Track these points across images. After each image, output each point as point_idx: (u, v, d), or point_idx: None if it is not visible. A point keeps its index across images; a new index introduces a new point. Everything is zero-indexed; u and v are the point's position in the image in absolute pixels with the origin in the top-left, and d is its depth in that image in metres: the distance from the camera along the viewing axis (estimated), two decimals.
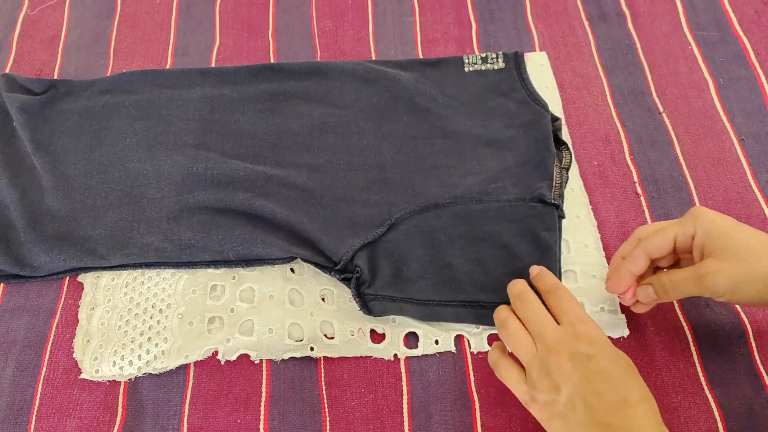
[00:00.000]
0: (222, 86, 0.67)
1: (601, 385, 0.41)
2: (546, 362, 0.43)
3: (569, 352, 0.42)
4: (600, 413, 0.40)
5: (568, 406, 0.42)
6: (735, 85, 0.66)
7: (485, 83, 0.67)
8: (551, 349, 0.43)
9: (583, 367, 0.42)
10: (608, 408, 0.40)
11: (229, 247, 0.55)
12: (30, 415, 0.51)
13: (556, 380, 0.42)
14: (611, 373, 0.41)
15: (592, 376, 0.41)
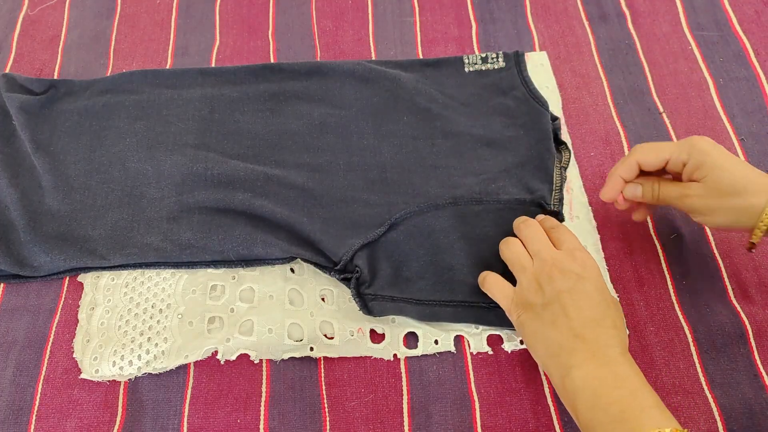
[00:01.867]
0: (222, 86, 0.67)
1: (583, 302, 0.45)
2: (539, 272, 0.47)
3: (562, 268, 0.47)
4: (576, 324, 0.44)
5: (547, 308, 0.46)
6: (735, 85, 0.66)
7: (485, 83, 0.67)
8: (546, 262, 0.48)
9: (571, 283, 0.46)
10: (584, 322, 0.44)
11: (229, 247, 0.55)
12: (30, 415, 0.51)
13: (543, 286, 0.46)
14: (594, 297, 0.45)
15: (578, 293, 0.45)
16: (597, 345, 0.43)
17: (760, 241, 0.48)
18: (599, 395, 0.41)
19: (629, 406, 0.40)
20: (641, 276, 0.56)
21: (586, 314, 0.45)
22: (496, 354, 0.52)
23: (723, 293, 0.55)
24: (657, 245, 0.57)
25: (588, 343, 0.44)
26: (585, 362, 0.43)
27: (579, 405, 0.42)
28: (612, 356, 0.43)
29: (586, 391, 0.42)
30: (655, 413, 0.40)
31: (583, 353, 0.43)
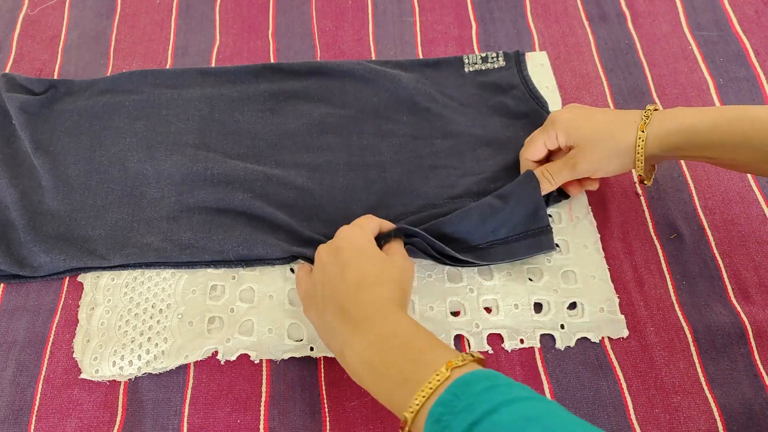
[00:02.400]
0: (222, 86, 0.67)
1: (347, 271, 0.46)
2: (317, 261, 0.49)
3: (328, 248, 0.48)
4: (341, 297, 0.45)
5: (318, 292, 0.47)
6: (735, 85, 0.66)
7: (485, 82, 0.67)
8: (321, 248, 0.49)
9: (333, 259, 0.47)
10: (348, 291, 0.45)
11: (229, 247, 0.55)
12: (30, 415, 0.51)
13: (316, 272, 0.48)
14: (353, 262, 0.46)
15: (340, 266, 0.46)
16: (360, 313, 0.43)
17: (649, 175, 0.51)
18: (375, 366, 0.41)
19: (405, 363, 0.39)
20: (641, 276, 0.56)
21: (349, 281, 0.45)
22: (496, 354, 0.52)
23: (723, 293, 0.55)
24: (657, 245, 0.57)
25: (351, 315, 0.43)
26: (353, 338, 0.43)
27: (365, 382, 0.42)
28: (375, 319, 0.42)
29: (363, 366, 0.41)
30: (429, 356, 0.39)
31: (349, 328, 0.43)
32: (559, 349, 0.52)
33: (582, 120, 0.52)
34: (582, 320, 0.53)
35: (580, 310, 0.54)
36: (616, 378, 0.51)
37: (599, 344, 0.53)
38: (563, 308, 0.54)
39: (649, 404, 0.50)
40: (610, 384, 0.51)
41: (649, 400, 0.50)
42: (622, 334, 0.53)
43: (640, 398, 0.50)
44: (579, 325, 0.53)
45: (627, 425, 0.49)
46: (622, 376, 0.51)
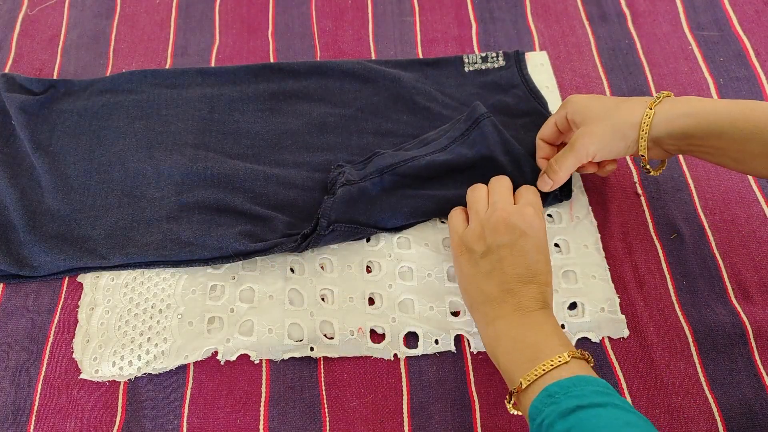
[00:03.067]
0: (221, 86, 0.67)
1: (520, 258, 0.47)
2: (486, 221, 0.49)
3: (508, 223, 0.48)
4: (509, 278, 0.46)
5: (485, 258, 0.48)
6: (735, 84, 0.66)
7: (485, 82, 0.67)
8: (496, 213, 0.49)
9: (513, 238, 0.48)
10: (517, 278, 0.46)
11: (227, 242, 0.55)
12: (29, 415, 0.51)
13: (487, 236, 0.48)
14: (531, 255, 0.47)
15: (517, 249, 0.47)
16: (523, 299, 0.46)
17: (653, 164, 0.51)
18: (517, 341, 0.45)
19: (541, 347, 0.43)
20: (641, 276, 0.56)
21: (520, 271, 0.47)
22: None
23: (723, 293, 0.55)
24: (657, 245, 0.57)
25: (516, 297, 0.46)
26: (509, 314, 0.46)
27: (499, 349, 0.45)
28: (534, 309, 0.46)
29: (507, 337, 0.45)
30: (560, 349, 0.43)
31: (509, 306, 0.46)
32: None
33: (594, 101, 0.52)
34: (582, 320, 0.53)
35: (581, 310, 0.54)
36: (617, 378, 0.51)
37: (599, 344, 0.53)
38: (564, 308, 0.54)
39: (649, 404, 0.50)
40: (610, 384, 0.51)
41: (649, 401, 0.50)
42: (623, 334, 0.53)
43: (640, 398, 0.50)
44: (579, 325, 0.53)
45: None
46: (623, 376, 0.51)
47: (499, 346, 0.45)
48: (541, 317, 0.46)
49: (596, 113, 0.51)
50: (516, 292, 0.46)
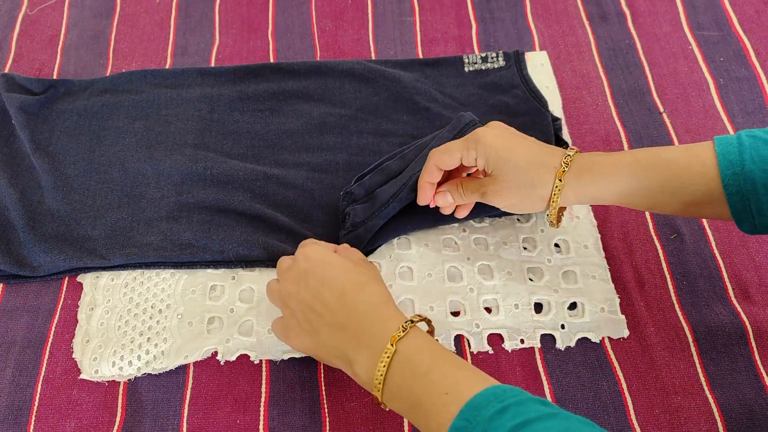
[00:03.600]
0: (221, 86, 0.67)
1: (322, 290, 0.44)
2: (284, 294, 0.47)
3: (291, 277, 0.47)
4: (330, 318, 0.44)
5: (301, 320, 0.45)
6: (735, 84, 0.66)
7: (485, 82, 0.67)
8: (283, 280, 0.47)
9: (304, 284, 0.45)
10: (334, 308, 0.44)
11: (229, 247, 0.55)
12: (29, 415, 0.51)
13: (290, 304, 0.46)
14: (326, 277, 0.45)
15: (314, 287, 0.45)
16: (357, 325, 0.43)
17: (560, 220, 0.50)
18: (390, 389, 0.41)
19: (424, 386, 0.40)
20: (641, 276, 0.56)
21: (331, 300, 0.44)
22: (496, 354, 0.52)
23: (723, 293, 0.55)
24: (657, 245, 0.57)
25: (349, 330, 0.43)
26: (357, 353, 0.43)
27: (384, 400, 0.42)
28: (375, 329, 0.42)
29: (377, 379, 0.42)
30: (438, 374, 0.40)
31: (352, 344, 0.43)
32: (560, 350, 0.52)
33: (506, 152, 0.48)
34: (582, 320, 0.53)
35: (581, 310, 0.54)
36: (617, 378, 0.51)
37: (599, 344, 0.53)
38: (563, 308, 0.54)
39: (649, 405, 0.50)
40: (610, 384, 0.51)
41: (649, 401, 0.50)
42: (623, 335, 0.53)
43: (640, 398, 0.50)
44: (579, 325, 0.53)
45: (627, 426, 0.49)
46: (623, 376, 0.51)
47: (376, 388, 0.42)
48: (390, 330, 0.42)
49: (509, 175, 0.48)
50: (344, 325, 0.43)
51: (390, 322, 0.43)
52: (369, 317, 0.43)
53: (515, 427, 0.34)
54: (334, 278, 0.45)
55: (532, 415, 0.35)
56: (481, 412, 0.36)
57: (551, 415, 0.36)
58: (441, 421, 0.37)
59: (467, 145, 0.49)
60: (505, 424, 0.35)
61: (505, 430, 0.34)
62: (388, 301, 0.45)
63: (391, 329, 0.42)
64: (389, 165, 0.57)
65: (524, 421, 0.35)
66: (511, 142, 0.49)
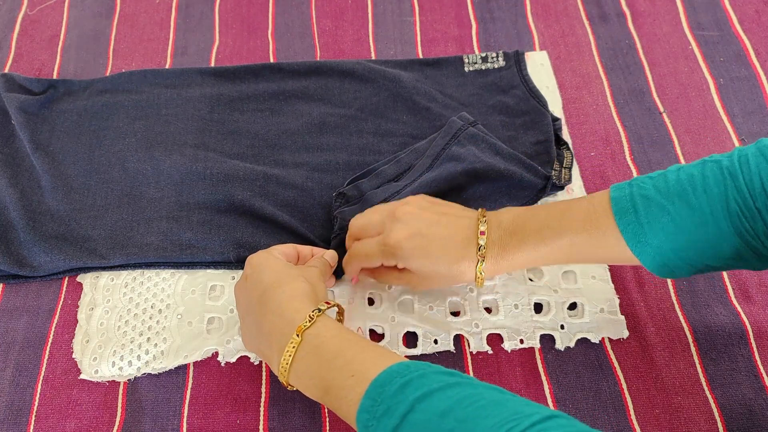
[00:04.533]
0: (221, 86, 0.67)
1: (252, 291, 0.46)
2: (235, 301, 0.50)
3: (239, 283, 0.49)
4: (252, 315, 0.46)
5: (241, 320, 0.49)
6: (735, 84, 0.66)
7: (485, 82, 0.67)
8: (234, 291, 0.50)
9: (242, 285, 0.48)
10: (254, 309, 0.46)
11: (230, 248, 0.55)
12: (29, 415, 0.51)
13: (237, 306, 0.49)
14: (257, 278, 0.47)
15: (247, 290, 0.47)
16: (270, 324, 0.44)
17: None
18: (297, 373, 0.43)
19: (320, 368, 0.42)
20: (641, 276, 0.56)
21: (254, 299, 0.46)
22: (496, 354, 0.52)
23: (723, 293, 0.55)
24: None
25: (264, 329, 0.44)
26: (270, 350, 0.44)
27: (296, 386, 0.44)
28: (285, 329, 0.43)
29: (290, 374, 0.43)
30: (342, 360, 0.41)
31: (266, 342, 0.44)
32: (559, 350, 0.52)
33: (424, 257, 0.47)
34: (582, 320, 0.53)
35: (581, 311, 0.54)
36: (616, 378, 0.51)
37: (599, 345, 0.53)
38: (563, 308, 0.54)
39: (649, 405, 0.50)
40: (610, 384, 0.51)
41: (649, 401, 0.50)
42: (623, 335, 0.53)
43: (640, 399, 0.50)
44: (579, 325, 0.53)
45: (627, 426, 0.49)
46: (622, 376, 0.51)
47: None
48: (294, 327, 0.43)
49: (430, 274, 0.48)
50: (261, 326, 0.45)
51: (298, 314, 0.43)
52: (278, 313, 0.44)
53: (417, 399, 0.36)
54: (259, 280, 0.46)
55: (435, 386, 0.37)
56: (385, 388, 0.37)
57: (454, 384, 0.37)
58: (350, 403, 0.39)
59: (386, 252, 0.48)
60: (408, 397, 0.36)
61: (407, 404, 0.36)
62: (303, 294, 0.45)
63: (298, 321, 0.43)
64: (385, 169, 0.58)
65: (427, 392, 0.36)
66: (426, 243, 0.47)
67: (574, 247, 0.45)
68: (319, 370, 0.41)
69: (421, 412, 0.35)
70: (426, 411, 0.35)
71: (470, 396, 0.36)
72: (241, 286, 0.49)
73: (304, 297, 0.45)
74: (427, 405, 0.36)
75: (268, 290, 0.45)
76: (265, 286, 0.46)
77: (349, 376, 0.40)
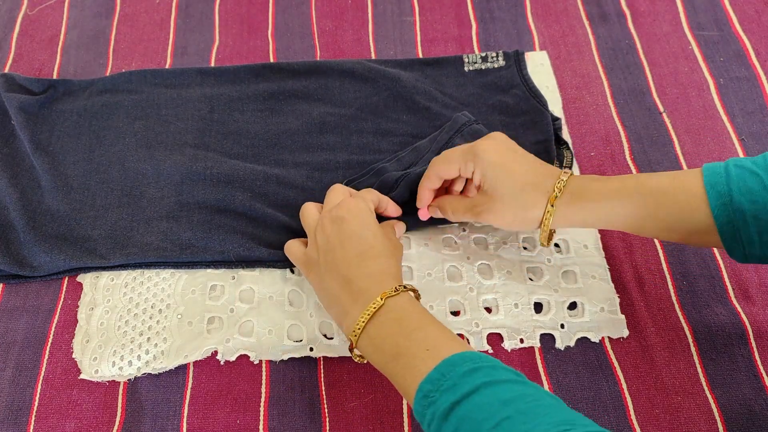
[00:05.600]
0: (221, 86, 0.67)
1: (349, 242, 0.48)
2: (315, 227, 0.51)
3: (331, 217, 0.50)
4: (342, 266, 0.47)
5: (321, 258, 0.49)
6: (735, 84, 0.66)
7: (485, 82, 0.67)
8: (323, 215, 0.51)
9: (337, 228, 0.49)
10: (350, 262, 0.47)
11: (230, 247, 0.55)
12: (29, 415, 0.51)
13: (318, 238, 0.50)
14: (357, 233, 0.48)
15: (343, 235, 0.48)
16: (362, 285, 0.46)
17: (550, 240, 0.50)
18: (370, 335, 0.45)
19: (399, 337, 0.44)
20: (641, 276, 0.56)
21: (351, 253, 0.48)
22: (496, 353, 0.52)
23: (723, 293, 0.55)
24: (657, 245, 0.57)
25: (353, 285, 0.46)
26: (352, 307, 0.46)
27: (363, 349, 0.46)
28: (373, 291, 0.46)
29: (360, 333, 0.45)
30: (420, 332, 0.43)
31: (350, 297, 0.46)
32: (559, 349, 0.52)
33: (502, 171, 0.49)
34: (582, 320, 0.53)
35: (581, 310, 0.54)
36: (616, 378, 0.51)
37: (599, 344, 0.53)
38: (563, 308, 0.54)
39: (649, 405, 0.50)
40: (610, 384, 0.51)
41: (649, 401, 0.50)
42: (623, 334, 0.53)
43: (640, 398, 0.50)
44: (579, 324, 0.53)
45: (627, 425, 0.49)
46: (622, 376, 0.51)
47: (360, 344, 0.46)
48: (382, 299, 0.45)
49: (503, 194, 0.49)
50: (350, 280, 0.47)
51: (387, 285, 0.46)
52: (372, 280, 0.46)
53: (483, 384, 0.38)
54: (362, 238, 0.48)
55: (502, 378, 0.39)
56: (456, 368, 0.40)
57: (521, 382, 0.39)
58: (416, 372, 0.41)
59: (467, 158, 0.50)
60: (476, 380, 0.38)
61: (473, 386, 0.38)
62: (396, 274, 0.48)
63: (385, 288, 0.46)
64: (385, 167, 0.58)
65: (494, 381, 0.38)
66: (508, 160, 0.49)
67: (652, 204, 0.45)
68: (396, 337, 0.43)
69: (484, 396, 0.37)
70: (489, 396, 0.37)
71: (533, 395, 0.38)
72: (335, 222, 0.49)
73: (396, 277, 0.48)
74: (492, 391, 0.38)
75: (368, 254, 0.48)
76: (366, 248, 0.48)
77: (424, 349, 0.42)
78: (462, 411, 0.37)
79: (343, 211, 0.49)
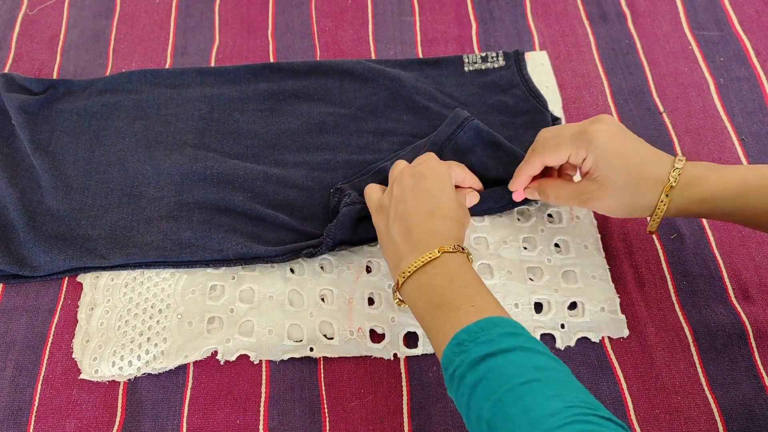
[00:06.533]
0: (221, 86, 0.67)
1: (422, 198, 0.49)
2: (398, 177, 0.52)
3: (411, 172, 0.51)
4: (409, 217, 0.48)
5: (392, 207, 0.50)
6: (735, 84, 0.66)
7: (485, 82, 0.67)
8: (403, 170, 0.52)
9: (414, 182, 0.50)
10: (417, 218, 0.48)
11: (228, 246, 0.55)
12: (29, 415, 0.51)
13: (394, 188, 0.51)
14: (432, 192, 0.49)
15: (419, 191, 0.49)
16: (422, 238, 0.47)
17: (657, 228, 0.50)
18: (421, 283, 0.46)
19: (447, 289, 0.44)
20: (641, 276, 0.56)
21: (421, 209, 0.48)
22: None
23: (723, 293, 0.55)
24: (657, 245, 0.57)
25: (414, 237, 0.47)
26: (409, 255, 0.47)
27: (407, 295, 0.47)
28: (431, 245, 0.46)
29: (410, 280, 0.46)
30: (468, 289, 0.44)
31: (409, 247, 0.47)
32: (560, 349, 0.52)
33: (617, 158, 0.47)
34: (582, 320, 0.53)
35: (581, 310, 0.54)
36: (616, 378, 0.51)
37: (599, 344, 0.53)
38: (563, 308, 0.54)
39: (649, 404, 0.50)
40: (610, 384, 0.51)
41: (649, 401, 0.50)
42: (623, 334, 0.53)
43: (640, 398, 0.50)
44: (579, 324, 0.53)
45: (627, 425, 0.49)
46: (622, 376, 0.51)
47: (405, 289, 0.47)
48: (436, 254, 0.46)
49: (615, 181, 0.48)
50: (413, 231, 0.47)
51: (447, 243, 0.47)
52: (435, 236, 0.47)
53: (520, 347, 0.39)
54: (435, 197, 0.49)
55: (540, 349, 0.40)
56: (497, 328, 0.40)
57: (556, 360, 0.40)
58: (455, 323, 0.41)
59: (578, 144, 0.48)
60: (514, 342, 0.39)
61: (510, 345, 0.39)
62: (458, 237, 0.48)
63: (444, 244, 0.46)
64: (385, 167, 0.58)
65: (531, 348, 0.39)
66: (622, 148, 0.48)
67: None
68: (444, 289, 0.44)
69: (519, 357, 0.38)
70: (524, 358, 0.38)
71: (567, 372, 0.39)
72: (414, 176, 0.50)
73: (457, 237, 0.48)
74: (528, 355, 0.38)
75: (437, 214, 0.48)
76: (437, 209, 0.48)
77: (469, 305, 0.42)
78: (494, 363, 0.38)
79: (424, 169, 0.51)
